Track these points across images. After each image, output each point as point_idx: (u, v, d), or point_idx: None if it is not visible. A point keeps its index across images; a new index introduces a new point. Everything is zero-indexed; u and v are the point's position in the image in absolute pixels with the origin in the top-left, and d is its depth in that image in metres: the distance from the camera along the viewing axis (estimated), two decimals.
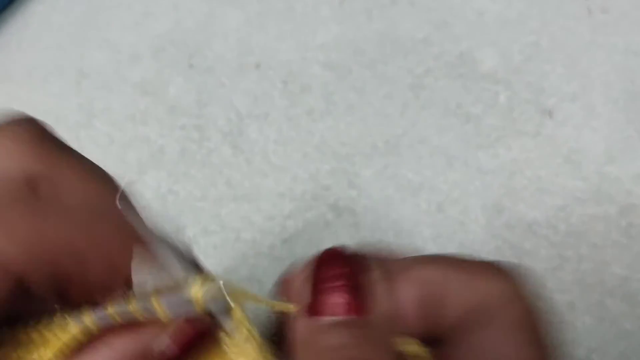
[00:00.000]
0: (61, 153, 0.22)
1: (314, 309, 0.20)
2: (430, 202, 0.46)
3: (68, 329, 0.20)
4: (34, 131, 0.21)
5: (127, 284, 0.22)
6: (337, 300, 0.20)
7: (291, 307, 0.21)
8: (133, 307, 0.21)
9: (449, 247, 0.45)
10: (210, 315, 0.22)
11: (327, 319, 0.20)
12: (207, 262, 0.45)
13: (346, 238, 0.46)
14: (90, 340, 0.20)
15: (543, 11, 0.52)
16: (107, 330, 0.20)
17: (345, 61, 0.52)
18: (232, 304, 0.21)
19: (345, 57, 0.52)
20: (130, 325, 0.20)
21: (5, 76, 0.56)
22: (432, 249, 0.45)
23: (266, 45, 0.54)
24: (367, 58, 0.52)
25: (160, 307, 0.21)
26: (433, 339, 0.21)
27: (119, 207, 0.21)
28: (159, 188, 0.49)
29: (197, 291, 0.21)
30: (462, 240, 0.45)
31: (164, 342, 0.20)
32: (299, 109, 0.51)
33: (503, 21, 0.52)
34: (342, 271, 0.21)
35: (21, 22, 0.58)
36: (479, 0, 0.53)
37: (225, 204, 0.48)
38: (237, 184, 0.49)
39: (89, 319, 0.20)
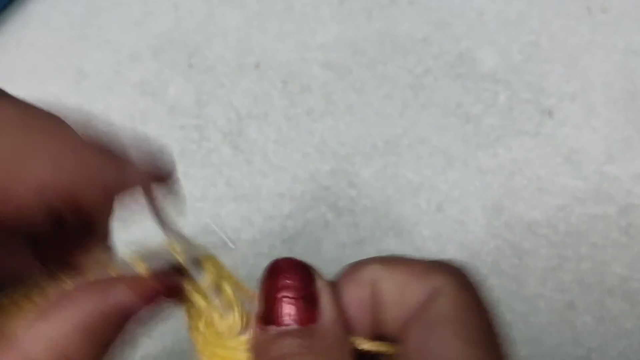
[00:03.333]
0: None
1: (265, 319, 0.21)
2: (430, 202, 0.46)
3: (45, 288, 0.21)
4: None
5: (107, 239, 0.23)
6: (286, 310, 0.21)
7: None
8: (105, 265, 0.21)
9: (449, 247, 0.45)
10: (185, 274, 0.22)
11: (277, 328, 0.20)
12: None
13: (346, 238, 0.46)
14: (55, 300, 0.20)
15: (543, 11, 0.52)
16: (75, 290, 0.20)
17: (345, 61, 0.52)
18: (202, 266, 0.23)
19: (345, 57, 0.52)
20: (97, 283, 0.21)
21: (5, 76, 0.56)
22: (432, 248, 0.45)
23: (266, 45, 0.54)
24: (367, 58, 0.52)
25: (142, 266, 0.22)
26: (384, 338, 0.22)
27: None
28: None
29: (173, 246, 0.22)
30: (462, 240, 0.45)
31: (128, 297, 0.20)
32: (298, 109, 0.51)
33: (503, 21, 0.52)
34: (291, 282, 0.21)
35: (21, 21, 0.58)
36: (478, 0, 0.53)
37: (225, 204, 0.48)
38: (237, 184, 0.49)
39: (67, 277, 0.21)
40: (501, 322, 0.22)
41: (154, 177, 0.23)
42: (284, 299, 0.21)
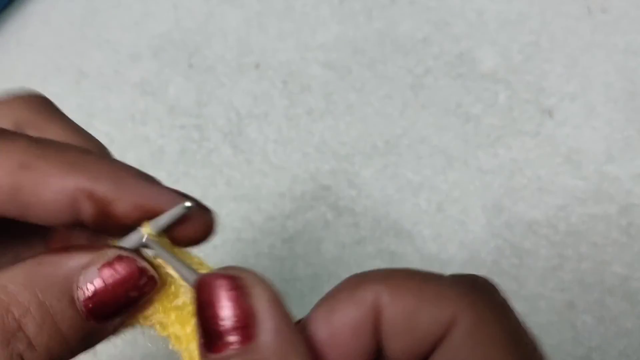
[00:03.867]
0: (52, 113, 0.26)
1: (207, 346, 0.21)
2: (430, 202, 0.46)
3: None
4: (33, 98, 0.26)
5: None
6: (223, 336, 0.20)
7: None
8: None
9: (449, 247, 0.45)
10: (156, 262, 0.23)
11: (218, 355, 0.20)
12: (207, 261, 0.45)
13: (346, 238, 0.46)
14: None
15: (543, 11, 0.52)
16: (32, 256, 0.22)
17: (345, 61, 0.52)
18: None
19: (345, 56, 0.52)
20: (54, 251, 0.22)
21: (5, 76, 0.56)
22: (432, 248, 0.45)
23: (266, 45, 0.54)
24: (367, 58, 0.52)
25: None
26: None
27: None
28: None
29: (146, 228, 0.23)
30: (462, 240, 0.45)
31: (91, 275, 0.21)
32: (298, 109, 0.51)
33: (503, 21, 0.52)
34: (221, 311, 0.21)
35: (21, 21, 0.58)
36: (478, 0, 0.53)
37: (225, 204, 0.48)
38: (237, 184, 0.49)
39: None
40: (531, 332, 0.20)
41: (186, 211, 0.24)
42: (219, 326, 0.20)
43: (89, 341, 0.22)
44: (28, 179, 0.21)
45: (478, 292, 0.21)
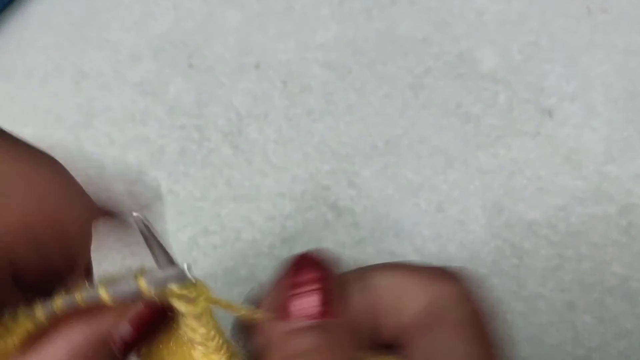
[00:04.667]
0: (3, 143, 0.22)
1: (284, 312, 0.21)
2: (430, 202, 0.46)
3: (33, 317, 0.21)
4: None
5: (88, 269, 0.23)
6: (307, 304, 0.20)
7: (258, 313, 0.22)
8: (80, 297, 0.21)
9: (449, 247, 0.45)
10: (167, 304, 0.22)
11: (297, 322, 0.20)
12: (207, 262, 0.45)
13: (346, 238, 0.46)
14: (44, 331, 0.20)
15: (543, 11, 0.52)
16: (62, 319, 0.20)
17: (345, 61, 0.52)
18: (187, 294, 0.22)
19: (345, 57, 0.52)
20: (85, 312, 0.21)
21: (5, 76, 0.56)
22: (432, 248, 0.45)
23: (266, 45, 0.54)
24: (367, 58, 0.52)
25: (108, 296, 0.21)
26: (388, 345, 0.22)
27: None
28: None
29: (142, 280, 0.21)
30: (462, 240, 0.45)
31: (124, 328, 0.20)
32: (298, 109, 0.51)
33: (503, 21, 0.52)
34: (312, 276, 0.21)
35: (21, 22, 0.58)
36: (478, 0, 0.53)
37: (225, 204, 0.48)
38: (237, 184, 0.49)
39: (53, 306, 0.21)
40: (501, 322, 0.22)
41: (137, 204, 0.24)
42: (305, 293, 0.21)
43: None
44: None
45: (456, 275, 0.22)
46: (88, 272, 0.24)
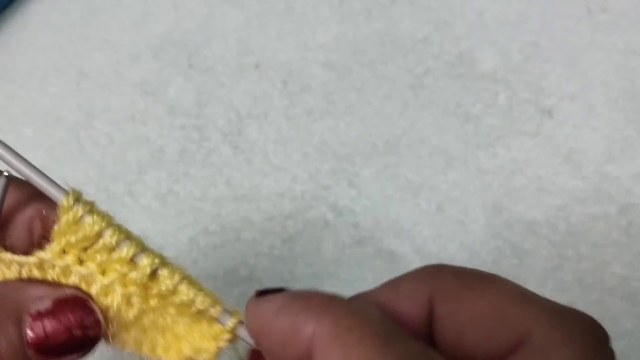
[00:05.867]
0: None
1: None
2: (430, 202, 0.46)
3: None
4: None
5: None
6: None
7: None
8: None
9: (449, 247, 0.45)
10: None
11: None
12: (207, 262, 0.45)
13: (346, 238, 0.46)
14: None
15: (543, 11, 0.52)
16: None
17: (345, 61, 0.52)
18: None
19: (345, 57, 0.52)
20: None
21: (5, 76, 0.56)
22: (431, 248, 0.45)
23: (266, 45, 0.54)
24: (367, 58, 0.52)
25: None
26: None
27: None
28: (159, 188, 0.49)
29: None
30: (462, 240, 0.45)
31: (43, 305, 0.23)
32: (298, 109, 0.51)
33: (503, 21, 0.52)
34: None
35: (21, 22, 0.58)
36: (478, 0, 0.53)
37: (225, 204, 0.48)
38: (237, 184, 0.49)
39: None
40: None
41: None
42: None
43: None
44: None
45: (586, 334, 0.21)
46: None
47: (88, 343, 0.23)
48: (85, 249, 0.24)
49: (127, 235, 0.24)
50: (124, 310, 0.24)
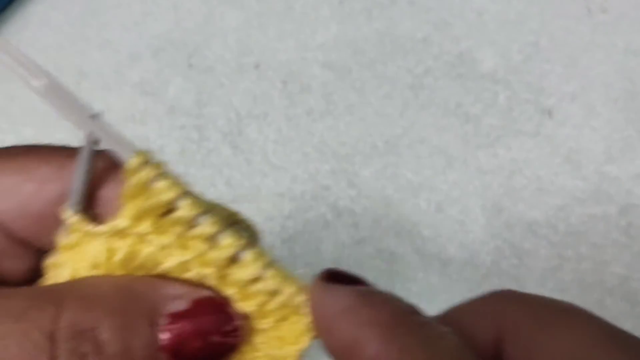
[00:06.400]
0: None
1: None
2: (430, 202, 0.46)
3: None
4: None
5: None
6: None
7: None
8: None
9: (449, 247, 0.45)
10: None
11: None
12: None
13: (346, 238, 0.46)
14: None
15: (542, 11, 0.52)
16: None
17: (345, 61, 0.52)
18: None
19: (345, 57, 0.52)
20: None
21: (5, 76, 0.56)
22: (431, 248, 0.45)
23: (266, 45, 0.54)
24: (367, 58, 0.52)
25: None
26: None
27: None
28: None
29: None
30: (461, 240, 0.45)
31: (179, 306, 0.21)
32: (298, 109, 0.51)
33: (502, 21, 0.52)
34: None
35: (21, 22, 0.58)
36: (478, 0, 0.53)
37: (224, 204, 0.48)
38: (237, 184, 0.49)
39: None
40: None
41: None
42: None
43: None
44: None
45: None
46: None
47: (224, 352, 0.21)
48: (158, 219, 0.21)
49: (206, 208, 0.21)
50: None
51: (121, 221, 0.21)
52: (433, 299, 0.43)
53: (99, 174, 0.23)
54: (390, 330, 0.18)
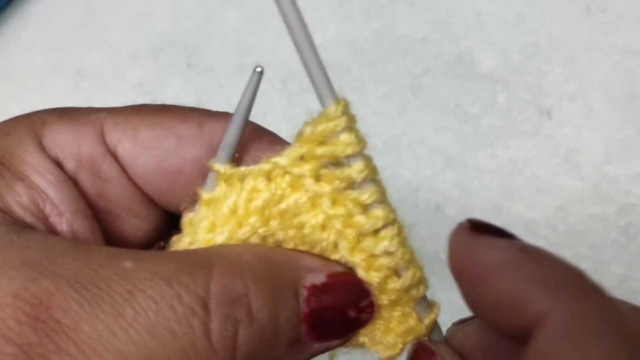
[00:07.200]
0: None
1: None
2: (429, 202, 0.46)
3: None
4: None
5: None
6: None
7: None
8: None
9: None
10: None
11: None
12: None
13: None
14: None
15: (542, 11, 0.52)
16: None
17: (344, 61, 0.52)
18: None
19: (344, 57, 0.52)
20: None
21: (5, 76, 0.56)
22: (430, 248, 0.45)
23: (265, 45, 0.54)
24: (366, 58, 0.52)
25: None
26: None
27: None
28: None
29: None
30: None
31: (318, 279, 0.21)
32: (298, 109, 0.51)
33: (502, 21, 0.52)
34: None
35: (20, 22, 0.58)
36: (477, 1, 0.53)
37: None
38: None
39: None
40: None
41: None
42: None
43: (293, 352, 0.20)
44: None
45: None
46: None
47: (356, 328, 0.21)
48: (323, 168, 0.21)
49: (374, 175, 0.21)
50: (330, 251, 0.21)
51: (282, 159, 0.22)
52: (432, 299, 0.43)
53: (245, 139, 0.23)
54: (564, 292, 0.18)
